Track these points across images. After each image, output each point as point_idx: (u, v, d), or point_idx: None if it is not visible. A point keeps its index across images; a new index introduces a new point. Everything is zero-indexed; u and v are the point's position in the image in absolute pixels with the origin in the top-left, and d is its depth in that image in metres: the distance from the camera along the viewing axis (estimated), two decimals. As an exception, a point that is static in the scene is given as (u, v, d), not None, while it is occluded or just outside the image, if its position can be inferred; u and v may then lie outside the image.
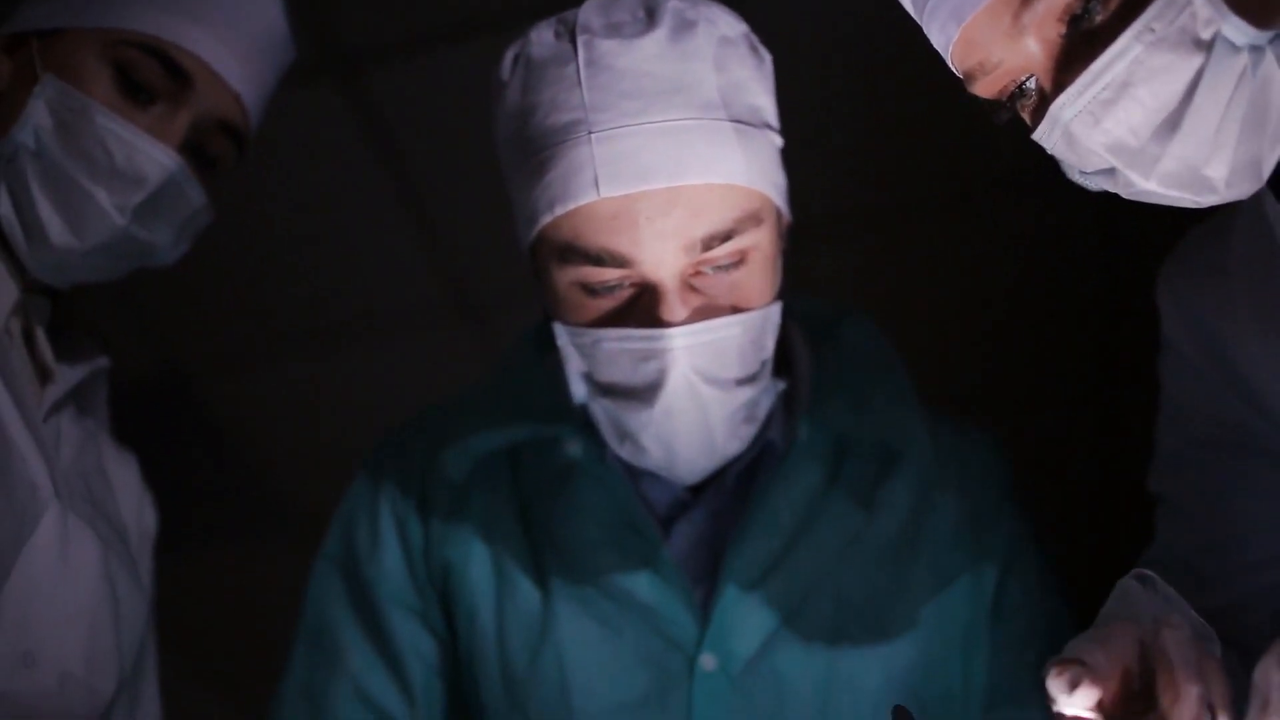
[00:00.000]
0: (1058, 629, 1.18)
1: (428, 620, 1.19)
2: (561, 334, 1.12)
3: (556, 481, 1.18)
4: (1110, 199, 0.88)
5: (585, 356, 1.11)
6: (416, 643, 1.18)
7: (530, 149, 1.08)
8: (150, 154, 1.06)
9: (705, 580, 1.15)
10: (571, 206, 1.05)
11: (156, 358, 1.68)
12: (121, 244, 1.07)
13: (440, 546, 1.19)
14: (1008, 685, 1.14)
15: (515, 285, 1.18)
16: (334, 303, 1.66)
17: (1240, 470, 1.11)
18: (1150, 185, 0.83)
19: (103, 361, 1.15)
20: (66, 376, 1.10)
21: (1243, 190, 0.84)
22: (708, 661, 1.12)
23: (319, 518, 1.25)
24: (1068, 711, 0.79)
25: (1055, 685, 0.79)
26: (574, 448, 1.19)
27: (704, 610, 1.14)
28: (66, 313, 1.15)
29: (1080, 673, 0.78)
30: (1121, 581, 0.91)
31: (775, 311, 1.12)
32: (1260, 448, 1.07)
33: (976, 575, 1.19)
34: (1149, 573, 0.91)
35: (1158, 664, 0.80)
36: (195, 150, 1.10)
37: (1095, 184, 0.87)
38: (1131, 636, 0.81)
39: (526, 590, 1.16)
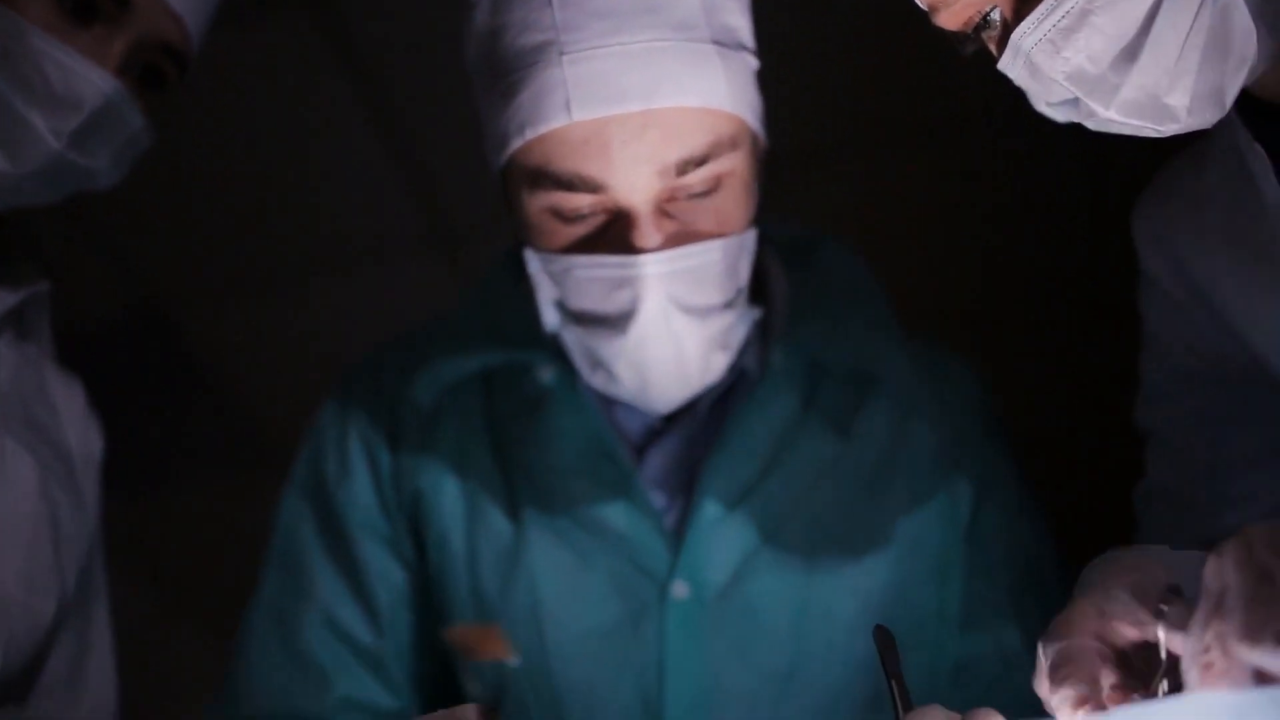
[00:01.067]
0: (1033, 556, 1.18)
1: (397, 548, 1.18)
2: (533, 261, 1.11)
3: (529, 408, 1.17)
4: (1097, 134, 0.88)
5: (557, 284, 1.10)
6: (386, 572, 1.17)
7: (500, 71, 1.06)
8: (88, 77, 1.03)
9: (678, 508, 1.15)
10: (542, 130, 1.03)
11: (131, 293, 1.67)
12: (58, 169, 1.05)
13: (410, 474, 1.18)
14: (981, 611, 1.14)
15: (493, 215, 1.16)
16: (310, 234, 1.65)
17: (1222, 401, 1.11)
18: (1111, 114, 0.83)
19: (43, 285, 1.13)
20: (3, 300, 1.08)
21: (1205, 119, 0.83)
22: (680, 589, 1.12)
23: (295, 452, 1.24)
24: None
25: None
26: (546, 374, 1.17)
27: (676, 538, 1.13)
28: (6, 237, 1.13)
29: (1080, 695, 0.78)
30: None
31: (751, 238, 1.11)
32: (1239, 378, 1.07)
33: (952, 501, 1.18)
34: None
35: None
36: (136, 72, 1.07)
37: (1061, 115, 0.87)
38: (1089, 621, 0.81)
39: (498, 518, 1.15)
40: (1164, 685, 0.75)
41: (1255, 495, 1.12)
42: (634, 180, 1.03)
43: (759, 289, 1.18)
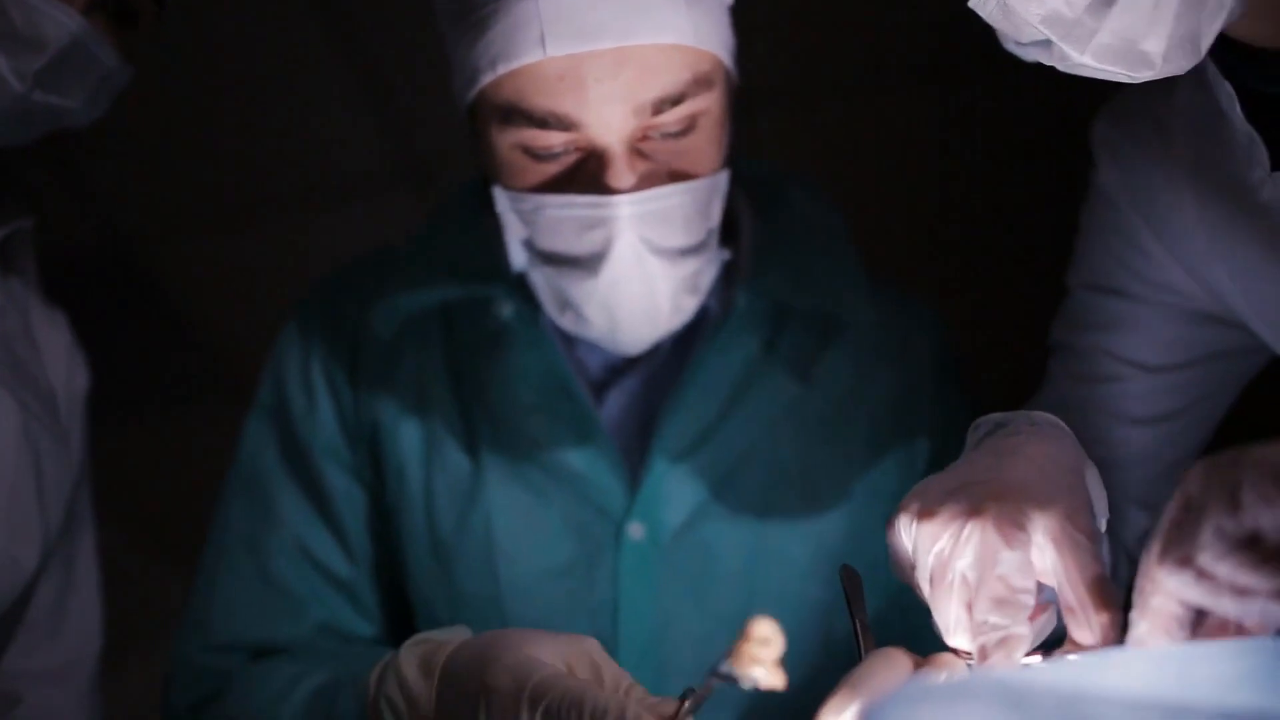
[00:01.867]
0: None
1: (360, 475, 1.17)
2: (501, 199, 1.09)
3: (489, 344, 1.16)
4: (1078, 81, 0.87)
5: (526, 223, 1.09)
6: (352, 498, 1.17)
7: (471, 3, 1.03)
8: (52, 16, 1.00)
9: (636, 448, 1.15)
10: (515, 65, 1.01)
11: (100, 225, 1.66)
12: (26, 110, 1.03)
13: (370, 404, 1.17)
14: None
15: (465, 151, 1.15)
16: (281, 170, 1.64)
17: (1157, 324, 1.09)
18: (1085, 59, 0.82)
19: (26, 221, 1.11)
20: None
21: (1179, 65, 0.82)
22: (635, 530, 1.12)
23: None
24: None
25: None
26: (506, 310, 1.16)
27: (633, 478, 1.13)
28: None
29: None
30: None
31: (723, 179, 1.10)
32: (1186, 309, 1.07)
33: (910, 449, 1.19)
34: None
35: None
36: (110, 9, 1.04)
37: (1030, 55, 0.85)
38: None
39: (456, 453, 1.15)
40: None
41: (1153, 423, 1.10)
42: (608, 119, 1.02)
43: (728, 229, 1.17)
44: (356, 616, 1.16)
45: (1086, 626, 0.75)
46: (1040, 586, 0.79)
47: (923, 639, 0.84)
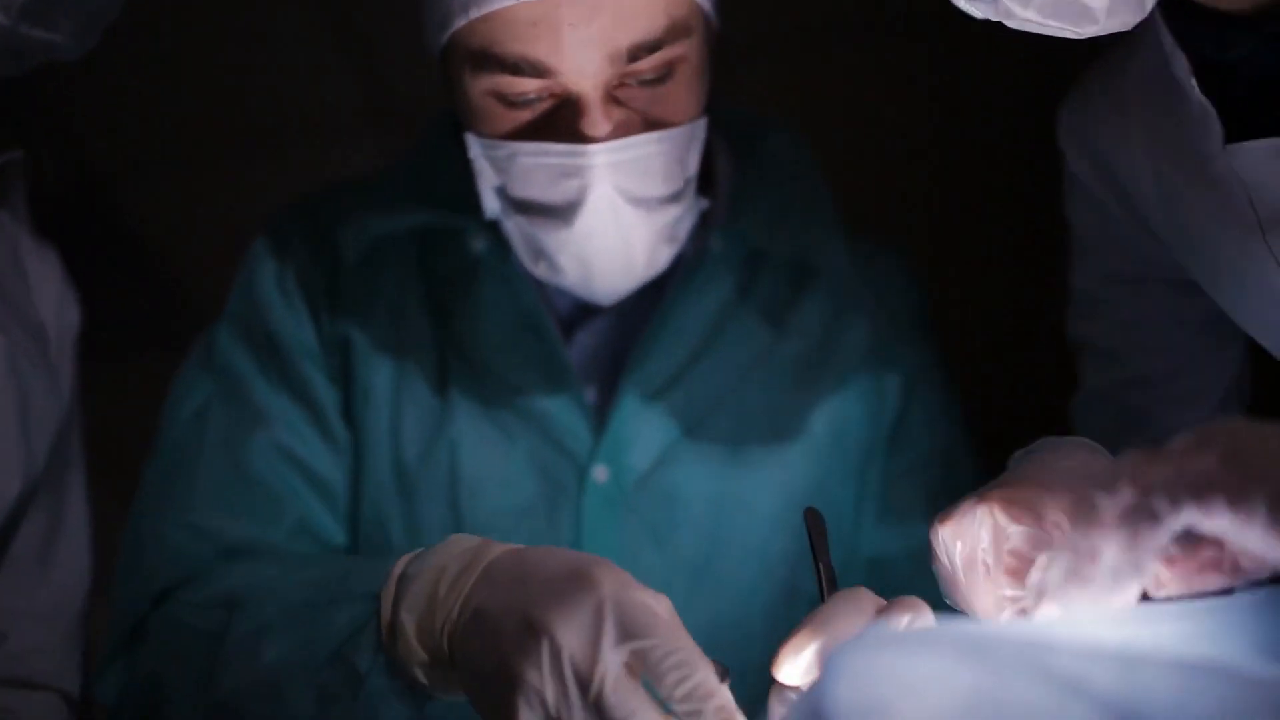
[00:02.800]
0: (953, 458, 1.20)
1: (335, 380, 1.15)
2: (474, 146, 1.08)
3: (462, 276, 1.15)
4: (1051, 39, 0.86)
5: (500, 171, 1.08)
6: (331, 396, 1.14)
7: None
8: None
9: (604, 390, 1.14)
10: (487, 9, 0.99)
11: (73, 163, 1.64)
12: (12, 43, 1.01)
13: (344, 322, 1.15)
14: (898, 510, 1.16)
15: (437, 94, 1.14)
16: (255, 108, 1.62)
17: (1154, 303, 1.12)
18: (1029, 14, 0.81)
19: (15, 153, 1.09)
20: None
21: (1124, 20, 0.82)
22: (600, 473, 1.12)
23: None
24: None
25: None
26: (479, 243, 1.15)
27: (600, 421, 1.13)
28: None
29: None
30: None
31: (701, 127, 1.09)
32: (1168, 278, 1.08)
33: (879, 399, 1.19)
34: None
35: None
36: None
37: (979, 11, 0.84)
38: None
39: (425, 385, 1.14)
40: None
41: (1193, 397, 1.13)
42: (584, 65, 1.00)
43: (705, 178, 1.17)
44: (332, 520, 1.13)
45: None
46: None
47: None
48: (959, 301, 1.43)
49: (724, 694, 0.71)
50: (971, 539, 0.80)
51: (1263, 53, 0.87)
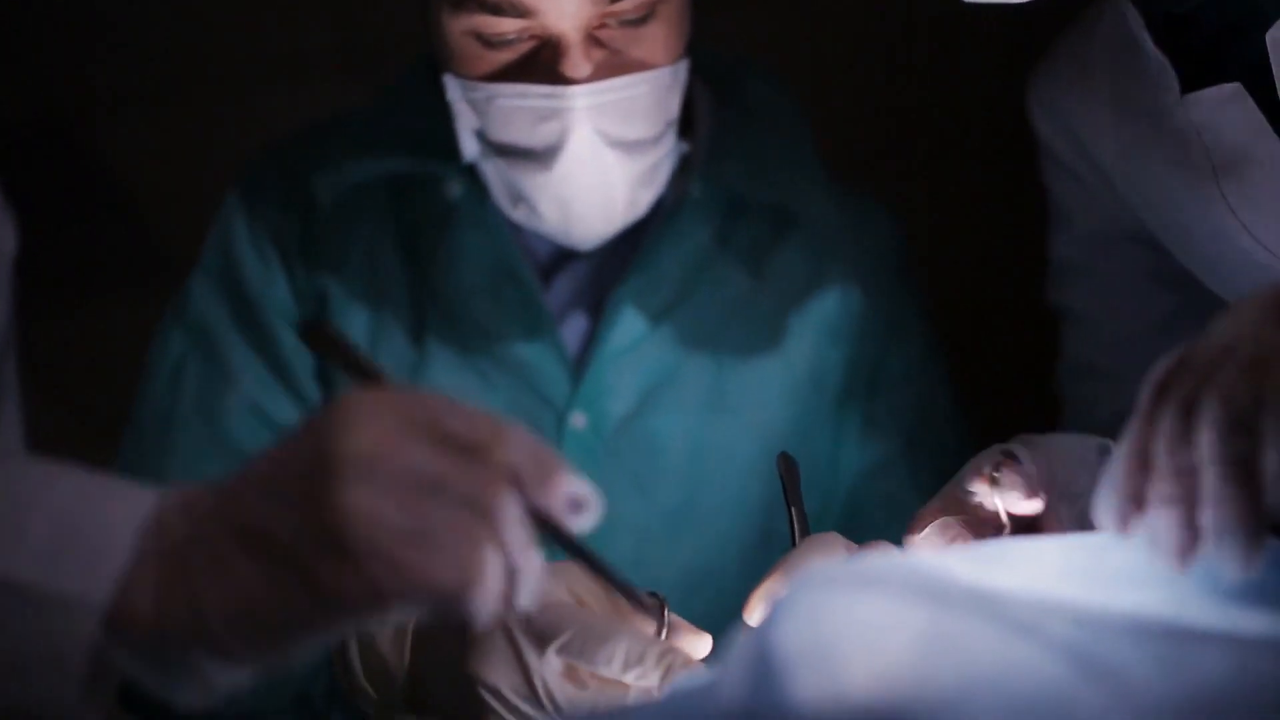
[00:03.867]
0: (932, 408, 1.20)
1: None
2: (453, 87, 1.07)
3: (438, 223, 1.14)
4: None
5: (479, 113, 1.07)
6: (303, 356, 1.14)
7: None
8: None
9: (583, 336, 1.14)
10: None
11: (36, 99, 1.62)
12: None
13: (319, 273, 1.14)
14: (875, 458, 1.15)
15: (413, 35, 1.12)
16: (224, 46, 1.60)
17: (1131, 265, 1.11)
18: None
19: None
20: None
21: None
22: (578, 420, 1.12)
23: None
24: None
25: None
26: (455, 189, 1.14)
27: (578, 367, 1.13)
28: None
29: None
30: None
31: (683, 69, 1.08)
32: (1138, 238, 1.08)
33: (859, 347, 1.19)
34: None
35: None
36: None
37: None
38: None
39: (402, 333, 1.13)
40: None
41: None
42: (564, 5, 0.99)
43: (686, 120, 1.15)
44: None
45: None
46: None
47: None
48: (942, 254, 1.42)
49: (653, 654, 0.72)
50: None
51: (1217, 3, 0.86)
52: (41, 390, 1.17)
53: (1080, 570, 0.65)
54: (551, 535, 0.59)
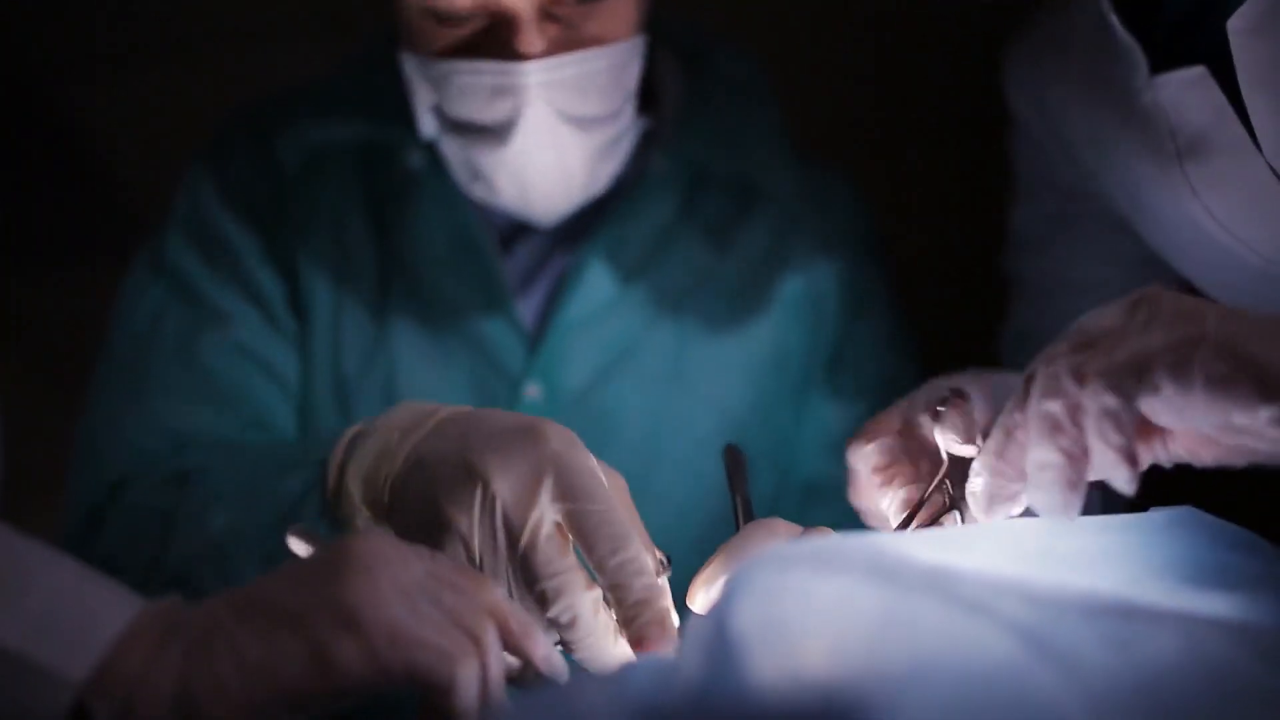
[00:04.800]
0: (897, 383, 1.19)
1: (281, 274, 1.14)
2: (410, 64, 1.06)
3: (400, 192, 1.14)
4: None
5: (435, 90, 1.06)
6: (279, 289, 1.14)
7: None
8: None
9: (541, 307, 1.14)
10: None
11: (4, 62, 1.59)
12: None
13: (285, 231, 1.14)
14: (836, 434, 1.16)
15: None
16: (194, 9, 1.58)
17: (1087, 241, 1.13)
18: None
19: None
20: None
21: None
22: (533, 391, 1.12)
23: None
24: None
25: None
26: (415, 159, 1.14)
27: (535, 339, 1.13)
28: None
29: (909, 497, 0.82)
30: None
31: (640, 44, 1.08)
32: (1100, 218, 1.09)
33: (823, 322, 1.19)
34: None
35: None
36: None
37: None
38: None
39: (365, 297, 1.13)
40: (947, 488, 0.77)
41: None
42: None
43: (649, 94, 1.15)
44: (288, 413, 1.13)
45: None
46: None
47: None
48: (906, 228, 1.43)
49: (653, 574, 0.70)
50: (860, 484, 0.85)
51: None
52: (13, 353, 1.16)
53: (1034, 552, 0.66)
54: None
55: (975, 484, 0.69)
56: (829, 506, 0.96)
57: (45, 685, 0.59)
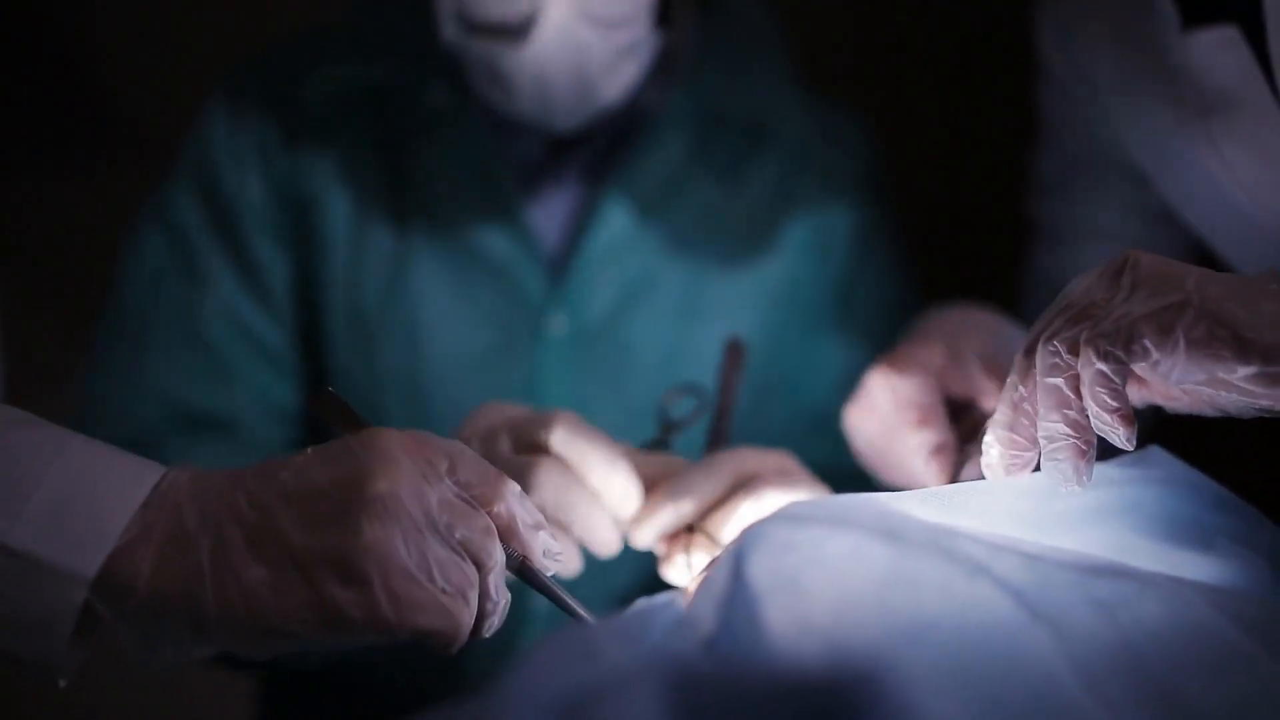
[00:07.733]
0: (905, 319, 1.22)
1: (288, 242, 1.16)
2: None
3: (421, 129, 1.15)
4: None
5: None
6: (279, 266, 1.16)
7: None
8: None
9: (562, 242, 1.16)
10: None
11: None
12: None
13: (301, 176, 1.15)
14: (848, 368, 1.18)
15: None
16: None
17: (1109, 190, 1.14)
18: None
19: None
20: None
21: None
22: (555, 323, 1.14)
23: (171, 145, 1.19)
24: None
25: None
26: (439, 95, 1.14)
27: (557, 272, 1.15)
28: None
29: (939, 442, 0.87)
30: None
31: None
32: (1123, 169, 1.10)
33: (831, 257, 1.22)
34: None
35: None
36: None
37: None
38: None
39: (384, 235, 1.15)
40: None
41: None
42: None
43: (664, 12, 1.14)
44: (283, 387, 1.17)
45: None
46: None
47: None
48: (915, 170, 1.44)
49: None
50: (878, 410, 0.89)
51: None
52: (10, 265, 1.16)
53: (1029, 511, 0.69)
54: (526, 578, 0.70)
55: (991, 455, 0.71)
56: (835, 439, 0.99)
57: (54, 584, 0.61)
